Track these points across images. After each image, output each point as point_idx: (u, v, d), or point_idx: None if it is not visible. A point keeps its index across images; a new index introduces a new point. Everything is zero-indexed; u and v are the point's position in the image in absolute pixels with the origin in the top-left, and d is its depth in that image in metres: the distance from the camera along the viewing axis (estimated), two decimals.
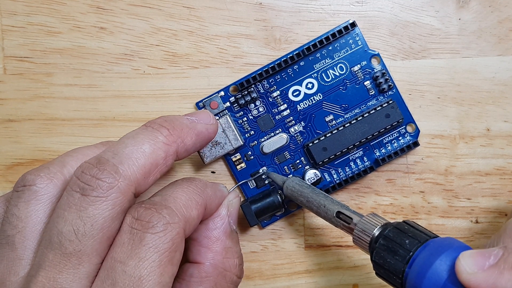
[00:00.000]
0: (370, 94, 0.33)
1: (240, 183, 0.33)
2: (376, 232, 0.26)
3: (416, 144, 0.32)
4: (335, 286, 0.33)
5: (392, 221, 0.33)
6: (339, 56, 0.33)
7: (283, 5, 0.33)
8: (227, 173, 0.33)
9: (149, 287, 0.22)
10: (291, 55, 0.32)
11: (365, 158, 0.33)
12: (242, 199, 0.33)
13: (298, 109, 0.33)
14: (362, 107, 0.33)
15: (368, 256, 0.26)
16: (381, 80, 0.32)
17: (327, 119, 0.33)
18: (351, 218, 0.27)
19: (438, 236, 0.24)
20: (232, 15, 0.33)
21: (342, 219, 0.27)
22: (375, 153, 0.33)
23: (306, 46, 0.32)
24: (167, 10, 0.33)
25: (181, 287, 0.26)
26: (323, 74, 0.33)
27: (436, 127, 0.33)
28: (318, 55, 0.33)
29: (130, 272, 0.22)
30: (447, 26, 0.33)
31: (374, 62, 0.33)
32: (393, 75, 0.33)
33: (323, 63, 0.33)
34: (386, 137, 0.33)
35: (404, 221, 0.25)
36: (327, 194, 0.29)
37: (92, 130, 0.33)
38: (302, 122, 0.33)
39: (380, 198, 0.33)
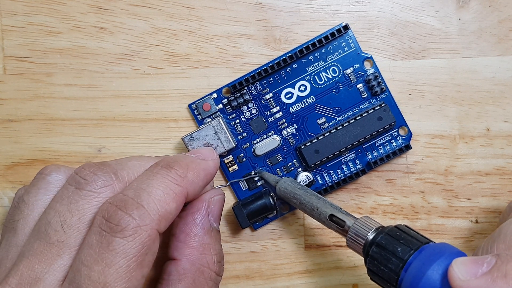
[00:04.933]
0: (363, 97, 0.33)
1: (230, 182, 0.33)
2: (370, 236, 0.25)
3: (408, 147, 0.32)
4: (335, 286, 0.33)
5: (391, 222, 0.33)
6: (332, 58, 0.33)
7: (283, 5, 0.33)
8: (220, 175, 0.33)
9: None
10: (284, 57, 0.32)
11: (357, 161, 0.33)
12: (234, 200, 0.33)
13: (291, 111, 0.33)
14: (355, 110, 0.33)
15: None
16: (374, 83, 0.32)
17: (320, 121, 0.33)
18: (344, 221, 0.27)
19: (431, 241, 0.24)
20: (232, 15, 0.33)
21: (335, 222, 0.27)
22: (367, 156, 0.33)
23: (299, 49, 0.32)
24: (167, 10, 0.33)
25: (162, 287, 0.26)
26: (315, 76, 0.33)
27: (436, 127, 0.33)
28: (311, 57, 0.33)
29: (95, 278, 0.21)
30: (447, 26, 0.33)
31: (367, 65, 0.33)
32: (393, 75, 0.33)
33: (316, 65, 0.33)
34: (378, 140, 0.33)
35: (396, 226, 0.25)
36: (320, 196, 0.29)
37: (92, 130, 0.33)
38: (294, 125, 0.33)
39: (380, 198, 0.33)
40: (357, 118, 0.32)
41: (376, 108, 0.32)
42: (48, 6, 0.33)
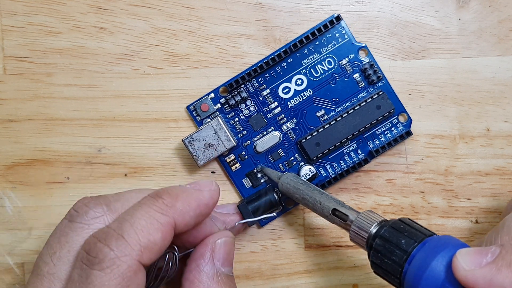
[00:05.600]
0: (360, 86, 0.33)
1: (247, 221, 0.31)
2: (373, 229, 0.25)
3: (408, 133, 0.32)
4: (335, 286, 0.33)
5: None
6: (326, 50, 0.33)
7: (283, 5, 0.33)
8: (223, 175, 0.33)
9: None
10: (278, 52, 0.32)
11: (359, 151, 0.33)
12: (239, 198, 0.33)
13: (289, 106, 0.33)
14: (353, 100, 0.33)
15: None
16: (370, 71, 0.32)
17: (319, 114, 0.33)
18: (347, 215, 0.27)
19: (435, 234, 0.24)
20: (232, 15, 0.33)
21: (338, 216, 0.27)
22: (369, 145, 0.33)
23: (293, 43, 0.32)
24: (167, 10, 0.33)
25: None
26: (311, 69, 0.33)
27: (436, 127, 0.33)
28: (305, 51, 0.33)
29: None
30: (447, 26, 0.33)
31: (362, 55, 0.33)
32: (393, 75, 0.33)
33: (311, 58, 0.33)
34: (378, 128, 0.33)
35: (400, 219, 0.25)
36: (322, 190, 0.29)
37: (92, 130, 0.33)
38: (294, 119, 0.33)
39: (380, 198, 0.33)
40: (356, 108, 0.32)
41: (374, 97, 0.32)
42: (48, 6, 0.33)
